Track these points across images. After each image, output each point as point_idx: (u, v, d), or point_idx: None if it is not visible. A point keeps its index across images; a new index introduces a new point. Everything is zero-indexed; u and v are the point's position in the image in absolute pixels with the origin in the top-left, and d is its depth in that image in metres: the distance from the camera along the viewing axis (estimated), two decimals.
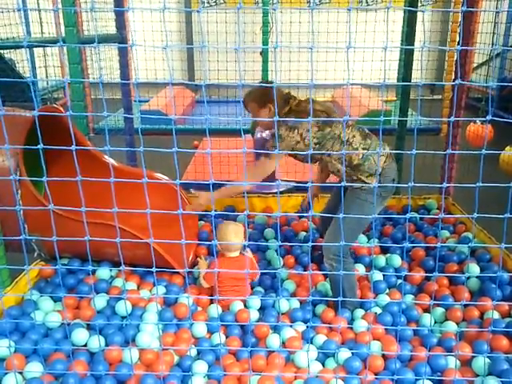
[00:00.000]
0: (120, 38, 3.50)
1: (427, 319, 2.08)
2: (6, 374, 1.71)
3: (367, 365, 1.81)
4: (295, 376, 1.82)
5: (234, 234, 2.24)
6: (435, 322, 2.12)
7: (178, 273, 2.32)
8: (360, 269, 2.44)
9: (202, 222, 2.87)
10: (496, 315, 2.01)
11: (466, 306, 2.11)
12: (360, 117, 5.85)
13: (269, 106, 2.17)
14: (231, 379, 1.77)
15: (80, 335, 1.89)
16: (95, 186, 1.88)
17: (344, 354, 1.89)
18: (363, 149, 2.09)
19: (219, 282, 2.19)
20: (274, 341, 1.95)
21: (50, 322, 1.96)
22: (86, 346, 1.88)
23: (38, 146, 1.40)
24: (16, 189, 2.09)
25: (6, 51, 6.53)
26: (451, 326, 2.03)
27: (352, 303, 2.17)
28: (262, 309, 2.20)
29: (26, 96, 5.18)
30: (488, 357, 1.79)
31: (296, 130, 2.10)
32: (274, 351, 1.90)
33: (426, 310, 2.17)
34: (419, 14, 3.53)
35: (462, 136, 3.33)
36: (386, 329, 2.02)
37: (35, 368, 1.72)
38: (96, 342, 1.86)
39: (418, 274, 2.32)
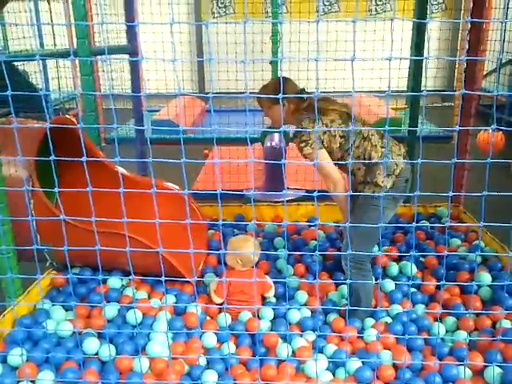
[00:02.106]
0: (131, 49, 3.55)
1: (438, 328, 2.06)
2: (19, 382, 1.73)
3: (377, 374, 1.81)
4: None
5: (255, 251, 2.24)
6: (446, 332, 2.10)
7: (188, 282, 2.33)
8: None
9: (212, 232, 2.88)
10: (508, 324, 1.99)
11: (477, 315, 2.10)
12: (372, 125, 5.84)
13: (283, 101, 2.13)
14: None
15: (91, 344, 1.90)
16: (106, 196, 1.91)
17: (354, 363, 1.88)
18: (381, 147, 2.10)
19: (229, 295, 2.19)
20: (283, 350, 1.95)
21: (61, 330, 1.97)
22: (97, 354, 1.90)
23: (50, 158, 1.43)
24: (28, 199, 2.12)
25: (19, 63, 6.65)
26: (462, 336, 2.01)
27: (365, 312, 2.16)
28: (274, 319, 2.20)
29: (40, 107, 5.27)
30: (500, 366, 1.78)
31: (320, 122, 2.08)
32: (284, 361, 1.90)
33: (439, 319, 2.15)
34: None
35: (474, 144, 3.32)
36: (396, 338, 2.01)
37: (47, 376, 1.74)
38: (107, 351, 1.87)
39: (427, 283, 2.31)
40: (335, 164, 2.11)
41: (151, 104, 7.71)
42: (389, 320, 2.14)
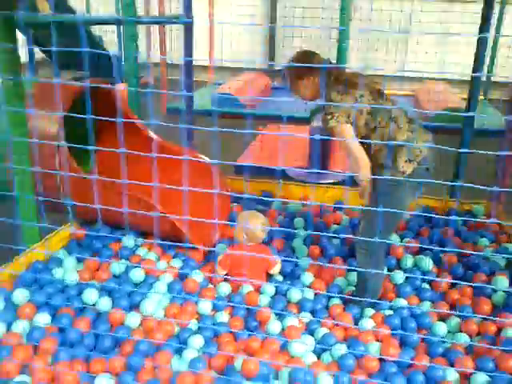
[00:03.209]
0: (187, 18, 3.60)
1: (440, 328, 1.97)
2: (17, 320, 1.88)
3: (361, 364, 1.78)
4: (286, 364, 1.81)
5: (260, 227, 2.25)
6: (449, 332, 2.00)
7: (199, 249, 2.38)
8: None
9: (235, 204, 2.91)
10: None
11: (485, 319, 1.98)
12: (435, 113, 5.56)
13: (310, 76, 2.06)
14: (222, 357, 1.81)
15: (91, 295, 2.01)
16: (138, 159, 1.99)
17: (341, 350, 1.85)
18: (407, 130, 2.01)
19: (234, 267, 2.21)
20: (273, 327, 1.96)
21: (66, 280, 2.10)
22: (94, 305, 2.01)
23: (87, 116, 1.48)
24: (54, 154, 2.25)
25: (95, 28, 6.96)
26: (463, 338, 1.91)
27: (368, 302, 2.10)
28: (276, 295, 2.20)
29: (111, 72, 5.51)
30: (490, 375, 1.68)
31: (350, 95, 2.00)
32: (271, 337, 1.90)
33: (443, 319, 2.06)
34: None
35: None
36: (391, 332, 1.95)
37: (43, 319, 1.87)
38: (104, 303, 1.98)
39: (437, 280, 2.19)
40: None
41: (221, 77, 7.80)
42: (389, 313, 2.07)
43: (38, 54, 6.47)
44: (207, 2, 6.94)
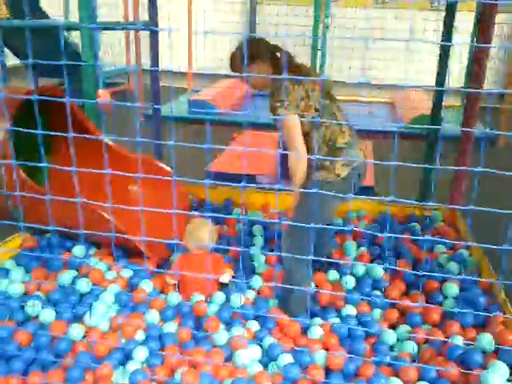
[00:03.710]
0: (151, 24, 3.58)
1: (388, 336, 1.96)
2: None
3: (307, 373, 1.75)
4: (229, 374, 1.78)
5: (208, 235, 2.20)
6: (398, 340, 1.98)
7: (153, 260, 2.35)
8: (333, 276, 2.35)
9: (196, 213, 2.88)
10: (460, 341, 1.85)
11: (435, 326, 1.97)
12: (410, 120, 5.59)
13: (258, 61, 2.01)
14: (164, 369, 1.78)
15: (32, 307, 1.97)
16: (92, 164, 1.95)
17: (286, 358, 1.83)
18: (348, 135, 2.00)
19: (182, 278, 2.18)
20: (220, 337, 1.93)
21: (11, 291, 2.06)
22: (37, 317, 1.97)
23: (37, 131, 1.43)
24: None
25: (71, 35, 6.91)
26: (409, 346, 1.89)
27: (299, 307, 2.06)
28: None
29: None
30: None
31: (302, 86, 1.95)
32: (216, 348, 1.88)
33: (393, 326, 2.04)
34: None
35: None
36: (339, 340, 1.93)
37: None
38: (47, 315, 1.93)
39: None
40: None
41: (199, 84, 7.78)
42: (337, 321, 2.05)
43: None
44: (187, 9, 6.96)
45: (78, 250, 2.38)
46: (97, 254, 2.40)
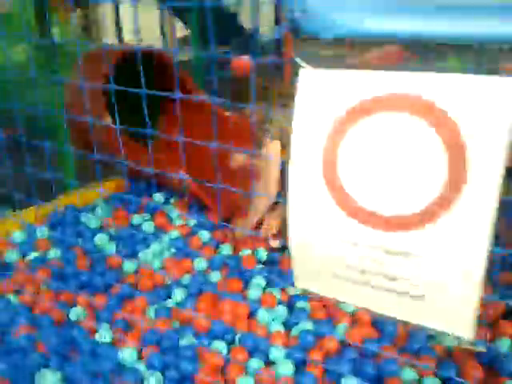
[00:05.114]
0: None
1: None
2: None
3: None
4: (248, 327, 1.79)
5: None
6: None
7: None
8: None
9: None
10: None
11: None
12: None
13: None
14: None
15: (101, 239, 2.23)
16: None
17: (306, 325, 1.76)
18: None
19: None
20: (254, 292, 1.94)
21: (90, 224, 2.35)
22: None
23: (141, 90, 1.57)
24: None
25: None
26: (449, 340, 1.66)
27: None
28: None
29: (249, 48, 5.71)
30: None
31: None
32: None
33: None
34: None
35: None
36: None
37: (55, 252, 2.14)
38: (109, 248, 2.17)
39: None
40: None
41: None
42: None
43: None
44: None
45: (157, 196, 2.59)
46: (175, 203, 2.58)
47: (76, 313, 1.82)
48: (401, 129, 0.82)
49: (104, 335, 1.70)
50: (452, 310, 0.86)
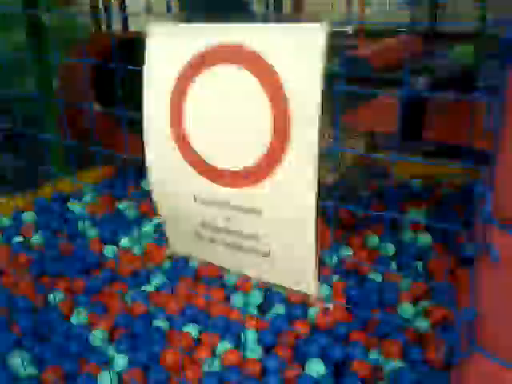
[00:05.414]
0: None
1: (404, 310, 1.73)
2: None
3: None
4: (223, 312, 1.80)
5: None
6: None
7: None
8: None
9: None
10: None
11: None
12: None
13: None
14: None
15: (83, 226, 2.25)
16: None
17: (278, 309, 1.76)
18: None
19: None
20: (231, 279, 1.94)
21: (74, 209, 2.38)
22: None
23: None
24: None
25: None
26: (423, 325, 1.65)
27: None
28: None
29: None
30: None
31: None
32: None
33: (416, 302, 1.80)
34: None
35: None
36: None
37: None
38: (90, 233, 2.20)
39: None
40: None
41: None
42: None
43: None
44: None
45: (145, 183, 2.60)
46: None
47: (55, 296, 1.84)
48: (232, 81, 0.81)
49: (79, 318, 1.72)
50: (295, 266, 0.86)
